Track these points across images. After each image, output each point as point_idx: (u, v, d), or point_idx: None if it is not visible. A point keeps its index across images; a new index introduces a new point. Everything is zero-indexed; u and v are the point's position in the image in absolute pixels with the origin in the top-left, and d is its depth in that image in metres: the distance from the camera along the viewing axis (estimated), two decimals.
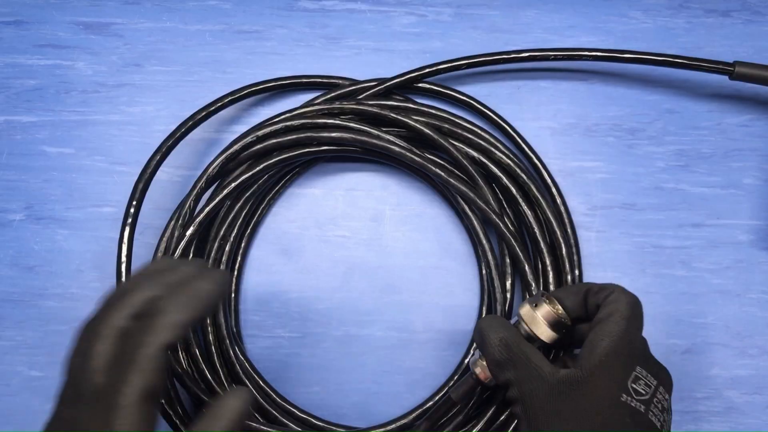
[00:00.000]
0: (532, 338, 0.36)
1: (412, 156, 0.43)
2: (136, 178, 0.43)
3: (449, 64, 0.47)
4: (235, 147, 0.44)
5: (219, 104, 0.46)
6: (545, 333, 0.35)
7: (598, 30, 0.50)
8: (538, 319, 0.35)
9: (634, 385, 0.31)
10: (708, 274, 0.46)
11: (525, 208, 0.44)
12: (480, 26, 0.50)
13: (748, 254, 0.46)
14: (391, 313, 0.45)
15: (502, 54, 0.46)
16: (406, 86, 0.47)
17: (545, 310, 0.36)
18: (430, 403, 0.42)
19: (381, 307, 0.46)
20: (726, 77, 0.45)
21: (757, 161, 0.47)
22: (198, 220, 0.42)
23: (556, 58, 0.46)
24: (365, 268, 0.46)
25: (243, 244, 0.46)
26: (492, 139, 0.45)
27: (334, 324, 0.45)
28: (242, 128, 0.47)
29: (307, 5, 0.50)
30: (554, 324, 0.35)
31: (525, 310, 0.36)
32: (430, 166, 0.43)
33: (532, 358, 0.34)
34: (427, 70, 0.47)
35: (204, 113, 0.45)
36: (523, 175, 0.44)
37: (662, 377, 0.33)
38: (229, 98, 0.46)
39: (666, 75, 0.49)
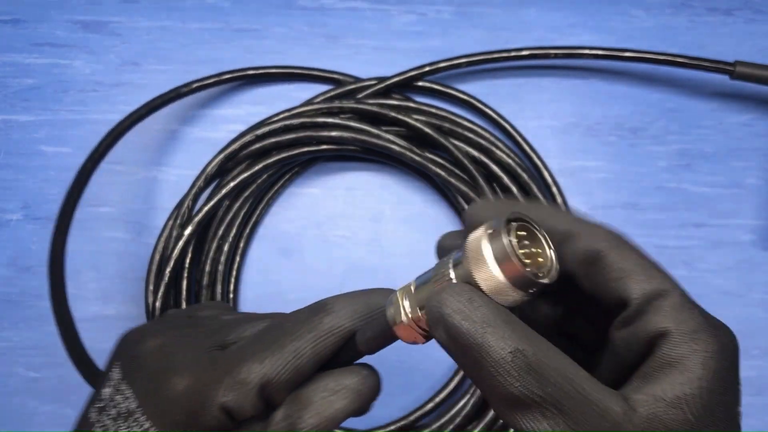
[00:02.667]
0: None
1: (412, 155, 0.43)
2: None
3: (449, 63, 0.46)
4: (234, 146, 0.44)
5: (213, 80, 0.46)
6: (509, 297, 0.19)
7: (600, 28, 0.49)
8: (494, 271, 0.19)
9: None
10: (710, 275, 0.45)
11: None
12: (480, 24, 0.49)
13: (751, 254, 0.46)
14: None
15: (502, 52, 0.46)
16: (406, 85, 0.47)
17: (511, 254, 0.19)
18: (431, 404, 0.42)
19: None
20: (727, 77, 0.45)
21: (760, 161, 0.47)
22: (196, 219, 0.42)
23: (557, 57, 0.46)
24: (365, 268, 0.46)
25: (242, 244, 0.46)
26: (492, 138, 0.45)
27: None
28: (241, 127, 0.46)
29: (306, 4, 0.50)
30: (521, 281, 0.19)
31: (478, 243, 0.20)
32: (430, 165, 0.43)
33: (589, 391, 0.18)
34: (427, 68, 0.46)
35: (199, 85, 0.46)
36: (524, 175, 0.44)
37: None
38: (228, 75, 0.46)
39: (668, 74, 0.48)
